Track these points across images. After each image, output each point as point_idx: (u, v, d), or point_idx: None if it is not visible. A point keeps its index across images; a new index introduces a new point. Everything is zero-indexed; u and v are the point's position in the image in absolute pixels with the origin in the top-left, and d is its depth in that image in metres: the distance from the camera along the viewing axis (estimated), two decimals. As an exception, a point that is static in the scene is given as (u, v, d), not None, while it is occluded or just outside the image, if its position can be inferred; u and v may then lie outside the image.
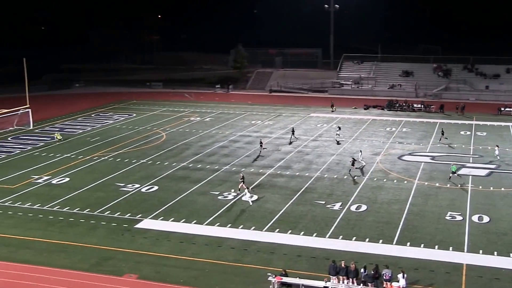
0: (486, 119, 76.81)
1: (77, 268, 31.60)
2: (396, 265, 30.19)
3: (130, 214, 40.17)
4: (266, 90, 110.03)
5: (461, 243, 34.69)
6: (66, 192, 45.11)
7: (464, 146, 60.64)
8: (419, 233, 36.29)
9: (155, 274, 30.87)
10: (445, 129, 65.44)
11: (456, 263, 31.95)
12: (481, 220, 38.51)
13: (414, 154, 57.66)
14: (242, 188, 43.79)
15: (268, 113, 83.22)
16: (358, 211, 40.56)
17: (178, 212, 40.43)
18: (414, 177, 48.80)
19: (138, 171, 51.12)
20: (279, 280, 29.01)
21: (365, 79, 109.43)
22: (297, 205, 41.92)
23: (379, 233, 36.44)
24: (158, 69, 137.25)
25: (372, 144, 62.03)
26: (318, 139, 64.64)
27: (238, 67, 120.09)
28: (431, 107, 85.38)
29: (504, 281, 29.82)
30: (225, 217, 39.36)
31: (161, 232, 36.89)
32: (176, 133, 67.77)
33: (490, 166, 52.48)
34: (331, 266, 29.47)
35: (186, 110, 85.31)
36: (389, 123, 74.40)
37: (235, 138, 65.59)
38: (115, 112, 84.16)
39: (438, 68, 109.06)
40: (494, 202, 42.32)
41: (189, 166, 53.05)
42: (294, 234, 36.45)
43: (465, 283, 29.64)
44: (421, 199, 43.11)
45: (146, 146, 61.55)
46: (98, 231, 37.25)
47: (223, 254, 33.38)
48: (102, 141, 63.58)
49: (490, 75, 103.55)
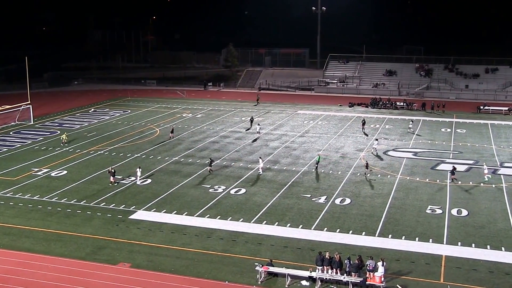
0: (466, 117, 78.71)
1: (73, 257, 32.61)
2: (378, 256, 31.15)
3: (124, 205, 41.24)
4: (256, 88, 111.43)
5: (441, 235, 35.85)
6: (64, 184, 46.23)
7: (445, 143, 62.31)
8: (401, 226, 37.46)
9: (147, 263, 31.87)
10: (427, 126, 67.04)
11: (436, 255, 32.99)
12: (460, 213, 39.77)
13: (397, 150, 59.22)
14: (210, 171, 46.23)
15: (258, 109, 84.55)
16: (342, 204, 41.74)
17: (170, 204, 41.55)
18: (397, 172, 50.23)
19: (133, 165, 52.04)
20: (266, 270, 30.01)
21: (350, 78, 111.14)
22: (284, 198, 43.09)
23: (362, 225, 37.62)
24: (152, 67, 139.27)
25: (356, 140, 63.55)
26: (305, 135, 66.06)
27: (229, 66, 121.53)
28: (413, 105, 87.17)
29: (481, 272, 30.89)
30: (215, 209, 40.45)
31: (153, 223, 37.94)
32: (170, 128, 68.84)
33: (469, 162, 54.13)
34: (318, 257, 30.34)
35: (179, 107, 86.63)
36: (373, 120, 76.02)
37: (225, 134, 66.85)
38: (111, 108, 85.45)
39: (420, 68, 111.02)
40: (473, 196, 43.69)
41: (181, 161, 54.22)
42: (281, 226, 37.50)
43: (444, 274, 30.62)
44: (402, 193, 44.43)
45: (140, 141, 62.69)
46: (94, 221, 38.27)
47: (212, 245, 34.38)
48: (99, 136, 64.83)
49: (470, 75, 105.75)
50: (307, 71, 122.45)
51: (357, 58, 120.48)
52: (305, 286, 29.45)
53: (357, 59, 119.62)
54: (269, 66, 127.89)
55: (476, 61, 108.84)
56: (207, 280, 29.97)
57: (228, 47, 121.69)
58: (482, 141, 63.17)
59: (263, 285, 29.39)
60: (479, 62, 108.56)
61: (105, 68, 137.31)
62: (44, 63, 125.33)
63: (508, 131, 69.23)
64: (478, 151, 58.35)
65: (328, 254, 30.34)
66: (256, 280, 29.73)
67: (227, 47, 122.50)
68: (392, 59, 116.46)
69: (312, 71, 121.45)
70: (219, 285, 29.52)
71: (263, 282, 29.62)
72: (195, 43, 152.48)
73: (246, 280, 29.89)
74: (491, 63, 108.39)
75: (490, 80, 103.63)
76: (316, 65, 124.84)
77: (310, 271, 29.74)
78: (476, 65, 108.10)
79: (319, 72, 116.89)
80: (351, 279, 29.15)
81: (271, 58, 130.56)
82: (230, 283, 29.62)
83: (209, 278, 30.17)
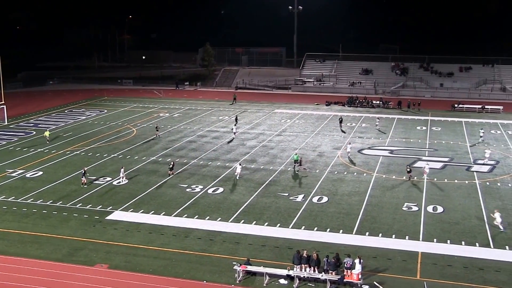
0: (441, 115, 79.70)
1: (49, 259, 32.27)
2: (355, 254, 31.33)
3: (101, 206, 40.94)
4: (233, 87, 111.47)
5: (417, 232, 36.24)
6: (39, 185, 45.69)
7: (420, 141, 63.01)
8: (378, 223, 37.80)
9: (125, 264, 31.70)
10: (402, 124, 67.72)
11: (412, 251, 33.34)
12: (435, 210, 40.30)
13: (374, 148, 59.71)
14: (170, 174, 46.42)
15: (234, 109, 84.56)
16: (319, 203, 41.96)
17: (148, 204, 41.37)
18: (373, 170, 50.66)
19: (110, 165, 51.93)
20: (244, 269, 30.05)
21: (327, 77, 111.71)
22: (261, 197, 43.18)
23: (339, 223, 37.85)
24: (129, 67, 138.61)
25: (333, 138, 63.92)
26: (282, 134, 66.25)
27: (206, 65, 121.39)
28: (389, 104, 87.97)
29: (457, 267, 31.30)
30: (193, 209, 40.38)
31: (131, 223, 37.74)
32: (147, 128, 68.59)
33: (444, 159, 54.83)
34: (295, 255, 30.46)
35: (156, 106, 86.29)
36: (350, 118, 76.50)
37: (202, 133, 66.73)
38: (87, 108, 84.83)
39: (396, 67, 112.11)
40: (448, 193, 44.26)
41: (159, 160, 54.02)
42: (258, 225, 37.59)
43: (420, 270, 30.97)
44: (379, 191, 44.85)
45: (117, 141, 62.29)
46: (71, 222, 37.91)
47: (190, 244, 34.31)
48: (75, 136, 64.30)
49: (445, 73, 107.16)
50: (284, 70, 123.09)
51: (333, 57, 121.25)
52: (283, 284, 29.51)
53: (333, 58, 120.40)
54: (246, 65, 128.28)
55: (450, 60, 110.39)
56: (185, 280, 29.89)
57: (205, 46, 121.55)
58: (457, 139, 64.02)
59: (241, 284, 29.40)
60: (453, 61, 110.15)
61: (81, 68, 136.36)
62: (19, 62, 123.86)
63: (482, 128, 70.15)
64: (453, 149, 59.13)
65: (306, 253, 30.44)
66: (234, 280, 29.74)
67: (204, 46, 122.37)
68: (368, 58, 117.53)
69: (289, 70, 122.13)
70: (197, 285, 29.46)
71: (241, 281, 29.64)
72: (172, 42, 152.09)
73: (224, 279, 29.88)
74: (465, 62, 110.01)
75: (464, 79, 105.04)
76: (293, 64, 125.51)
77: (288, 269, 29.84)
78: (450, 64, 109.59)
79: (296, 71, 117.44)
80: (329, 277, 29.31)
81: (248, 57, 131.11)
82: (208, 283, 29.58)
83: (187, 278, 30.10)
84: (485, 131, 65.96)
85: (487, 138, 63.96)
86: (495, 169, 51.23)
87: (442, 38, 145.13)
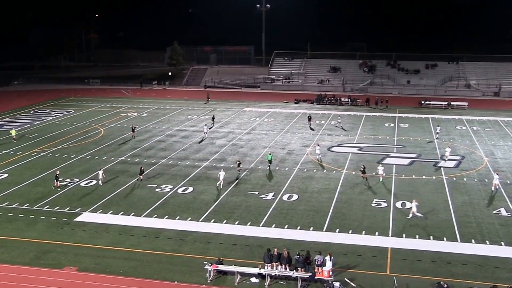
0: (408, 112, 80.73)
1: (16, 262, 31.64)
2: (326, 251, 31.48)
3: (69, 208, 40.33)
4: (201, 86, 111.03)
5: (386, 228, 36.62)
6: (4, 188, 44.74)
7: (389, 138, 63.68)
8: (348, 220, 38.06)
9: (94, 266, 31.29)
10: (371, 121, 68.33)
11: (382, 247, 33.67)
12: (404, 206, 40.72)
13: (343, 145, 60.10)
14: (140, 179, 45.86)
15: (204, 108, 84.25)
16: (290, 201, 42.07)
17: (117, 205, 40.91)
18: (343, 167, 51.00)
19: (78, 166, 51.21)
20: (215, 268, 29.97)
21: (296, 75, 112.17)
22: (231, 196, 43.10)
23: (310, 221, 38.01)
24: (96, 66, 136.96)
25: (302, 136, 64.16)
26: (251, 133, 66.24)
27: (174, 64, 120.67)
28: (357, 101, 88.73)
29: (425, 262, 31.75)
30: (163, 209, 40.10)
31: (100, 224, 37.27)
32: (114, 128, 67.85)
33: (412, 155, 55.49)
34: (266, 254, 30.53)
35: (124, 106, 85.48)
36: (318, 116, 76.88)
37: (171, 132, 66.31)
38: (54, 108, 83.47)
39: (363, 64, 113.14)
40: (416, 189, 44.84)
41: (128, 160, 53.49)
42: (229, 223, 37.53)
43: (390, 266, 31.30)
44: (349, 188, 45.17)
45: (85, 141, 61.46)
46: (38, 225, 37.24)
47: (160, 245, 34.07)
48: (41, 137, 63.19)
49: (411, 70, 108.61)
50: (253, 68, 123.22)
51: (302, 55, 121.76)
52: (255, 283, 29.51)
53: (302, 56, 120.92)
54: (215, 64, 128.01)
55: (416, 57, 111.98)
56: (156, 281, 29.67)
57: (173, 45, 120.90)
58: (424, 135, 64.89)
59: (213, 284, 29.30)
60: (419, 58, 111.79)
61: (47, 68, 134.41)
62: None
63: (448, 124, 71.33)
64: (421, 145, 59.91)
65: (277, 251, 30.48)
66: (205, 279, 29.61)
67: (172, 45, 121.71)
68: (336, 55, 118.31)
69: (257, 68, 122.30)
70: (168, 285, 29.27)
71: (213, 281, 29.53)
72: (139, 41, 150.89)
73: (195, 279, 29.73)
74: (431, 59, 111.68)
75: (430, 76, 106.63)
76: (261, 63, 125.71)
77: (259, 268, 29.84)
78: (416, 61, 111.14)
79: (265, 70, 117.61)
80: (300, 274, 29.39)
81: (217, 56, 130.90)
82: (179, 283, 29.40)
83: (158, 278, 29.88)
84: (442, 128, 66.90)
85: (452, 134, 65.05)
86: (461, 164, 52.09)
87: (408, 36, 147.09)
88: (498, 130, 68.19)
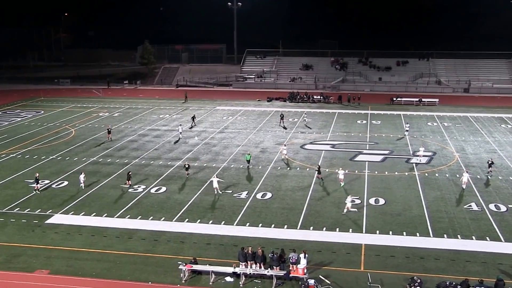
0: (380, 109, 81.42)
1: (-15, 267, 31.05)
2: (300, 248, 31.55)
3: (40, 210, 39.65)
4: (173, 85, 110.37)
5: (360, 225, 36.82)
6: (-27, 191, 43.79)
7: (361, 135, 64.10)
8: (321, 217, 38.14)
9: (67, 268, 30.83)
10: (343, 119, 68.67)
11: (356, 244, 33.83)
12: (377, 202, 41.03)
13: (315, 143, 60.29)
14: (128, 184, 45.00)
15: (176, 107, 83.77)
16: (263, 199, 42.01)
17: (89, 206, 40.35)
18: (316, 165, 51.02)
19: (48, 167, 50.39)
20: (190, 268, 29.79)
21: (268, 73, 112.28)
22: (205, 195, 42.86)
23: (284, 219, 38.00)
24: (66, 66, 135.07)
25: (275, 134, 64.20)
26: (224, 131, 66.05)
27: (145, 63, 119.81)
28: (330, 98, 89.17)
29: (399, 257, 32.01)
30: (136, 209, 39.71)
31: (72, 226, 36.71)
32: (86, 128, 66.97)
33: (384, 152, 55.94)
34: (240, 252, 30.44)
35: (95, 106, 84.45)
36: (291, 114, 77.02)
37: (144, 132, 65.75)
38: (23, 109, 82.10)
39: (335, 62, 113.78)
40: (389, 185, 45.18)
41: (99, 161, 52.81)
42: (203, 223, 37.31)
43: (364, 262, 31.49)
44: (322, 185, 45.27)
45: (55, 142, 60.50)
46: (8, 228, 36.52)
47: (134, 246, 33.73)
48: (10, 139, 62.05)
49: (383, 67, 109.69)
50: (225, 66, 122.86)
51: (274, 53, 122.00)
52: (230, 282, 29.41)
53: (274, 54, 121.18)
54: (187, 63, 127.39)
55: (388, 54, 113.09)
56: (130, 282, 29.37)
57: (144, 44, 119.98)
58: (396, 132, 65.48)
59: (187, 284, 29.11)
60: (390, 55, 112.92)
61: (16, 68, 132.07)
62: None
63: (419, 121, 72.11)
64: (393, 141, 60.45)
65: (251, 249, 30.41)
66: (180, 279, 29.41)
67: (143, 44, 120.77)
68: (308, 53, 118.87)
69: (229, 66, 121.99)
70: (142, 286, 28.99)
71: (187, 281, 29.34)
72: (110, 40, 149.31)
73: (169, 279, 29.52)
74: (401, 56, 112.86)
75: (402, 73, 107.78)
76: (233, 61, 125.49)
77: (234, 267, 29.75)
78: (388, 58, 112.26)
79: (237, 68, 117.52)
80: (275, 272, 29.36)
81: (188, 54, 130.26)
82: (153, 284, 29.15)
83: (132, 280, 29.58)
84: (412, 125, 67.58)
85: (423, 130, 65.82)
86: (432, 160, 52.67)
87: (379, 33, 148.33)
88: (469, 126, 69.17)
